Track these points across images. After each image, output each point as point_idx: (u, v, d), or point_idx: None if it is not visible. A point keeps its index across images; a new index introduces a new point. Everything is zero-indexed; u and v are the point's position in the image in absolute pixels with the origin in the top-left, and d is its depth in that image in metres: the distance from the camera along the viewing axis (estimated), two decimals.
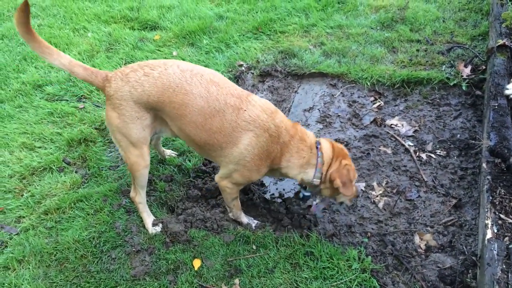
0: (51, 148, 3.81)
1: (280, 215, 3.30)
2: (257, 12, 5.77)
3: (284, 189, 3.55)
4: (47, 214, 3.25)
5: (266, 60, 4.88)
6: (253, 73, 4.74)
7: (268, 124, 2.73)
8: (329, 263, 2.83)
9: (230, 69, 4.75)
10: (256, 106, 2.76)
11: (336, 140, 3.87)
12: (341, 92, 4.45)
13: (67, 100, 4.40)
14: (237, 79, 4.61)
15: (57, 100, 4.40)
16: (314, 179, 2.85)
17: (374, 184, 3.46)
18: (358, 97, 4.37)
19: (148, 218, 3.16)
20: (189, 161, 3.67)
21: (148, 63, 2.78)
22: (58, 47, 5.05)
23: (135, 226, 3.14)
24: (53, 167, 3.63)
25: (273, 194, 3.52)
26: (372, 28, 5.29)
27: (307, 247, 2.94)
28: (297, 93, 4.55)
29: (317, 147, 2.86)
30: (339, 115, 4.18)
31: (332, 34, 5.28)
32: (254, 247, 2.97)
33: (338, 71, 4.62)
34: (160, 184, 3.43)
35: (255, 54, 4.98)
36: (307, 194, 3.08)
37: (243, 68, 4.78)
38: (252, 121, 2.70)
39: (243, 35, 5.34)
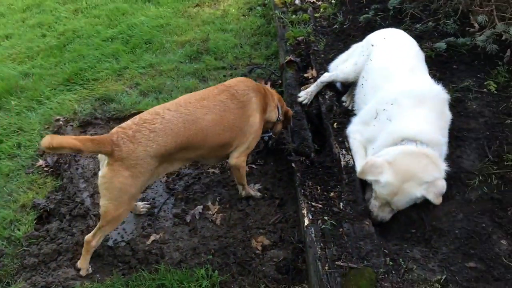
0: None
1: (126, 258, 3.36)
2: (65, 64, 5.71)
3: (125, 231, 3.61)
4: None
5: (84, 110, 4.88)
6: (72, 126, 4.69)
7: (257, 86, 3.53)
8: None
9: (47, 126, 4.63)
10: (237, 82, 3.48)
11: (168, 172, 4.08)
12: None
13: None
14: (56, 134, 4.51)
15: None
16: (279, 116, 3.78)
17: (209, 204, 3.75)
18: None
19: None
20: (18, 230, 3.50)
21: (143, 120, 2.99)
22: None
23: None
24: None
25: (115, 239, 3.56)
26: (181, 62, 5.67)
27: (158, 280, 3.06)
28: None
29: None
30: None
31: (145, 73, 5.51)
32: None
33: None
34: None
35: (71, 106, 4.94)
36: (268, 135, 3.97)
37: (60, 122, 4.69)
38: (246, 90, 3.40)
39: (55, 89, 5.24)
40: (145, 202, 3.79)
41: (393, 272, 2.71)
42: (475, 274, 2.66)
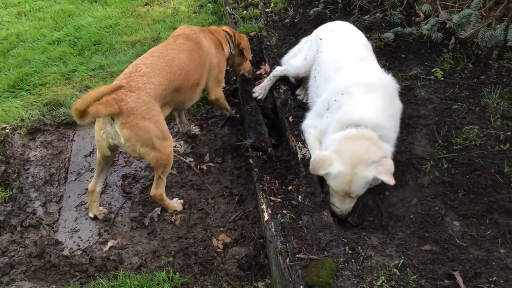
0: None
1: (84, 266, 3.25)
2: (9, 70, 5.48)
3: (81, 239, 3.49)
4: None
5: (32, 116, 4.69)
6: (20, 133, 4.50)
7: (201, 28, 3.87)
8: None
9: None
10: (183, 29, 3.76)
11: (123, 175, 3.98)
12: None
13: None
14: (2, 143, 4.31)
15: None
16: (231, 50, 4.11)
17: None
18: None
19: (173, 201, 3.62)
20: None
21: (129, 73, 3.12)
22: None
23: None
24: None
25: (71, 248, 3.44)
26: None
27: (117, 287, 2.98)
28: (74, 141, 4.50)
29: (224, 31, 4.11)
30: (121, 152, 4.29)
31: (95, 76, 5.35)
32: None
33: None
34: None
35: (18, 113, 4.73)
36: None
37: (7, 130, 4.49)
38: (195, 32, 3.70)
39: (0, 96, 5.00)
40: (101, 208, 3.69)
41: (353, 260, 2.74)
42: (431, 256, 2.73)
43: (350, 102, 3.28)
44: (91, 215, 3.62)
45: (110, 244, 3.40)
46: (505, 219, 2.87)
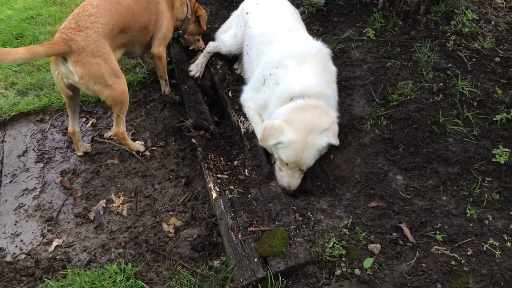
0: None
1: (30, 270, 3.09)
2: None
3: (23, 242, 3.31)
4: None
5: None
6: None
7: None
8: None
9: None
10: None
11: (62, 171, 3.79)
12: (51, 124, 4.32)
13: None
14: None
15: None
16: (188, 14, 4.15)
17: (112, 196, 3.55)
18: None
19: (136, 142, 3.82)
20: None
21: (76, 14, 3.17)
22: None
23: None
24: None
25: (14, 253, 3.24)
26: None
27: (67, 286, 2.85)
28: (5, 142, 4.22)
29: None
30: (57, 147, 4.07)
31: (20, 71, 5.02)
32: None
33: (40, 105, 4.46)
34: None
35: None
36: (178, 32, 4.29)
37: None
38: None
39: None
40: (85, 144, 3.92)
41: (304, 226, 2.76)
42: (378, 212, 2.79)
43: (286, 75, 3.25)
44: (79, 153, 3.85)
45: (55, 243, 3.23)
46: (444, 167, 2.96)
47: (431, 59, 3.57)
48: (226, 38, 4.18)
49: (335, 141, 3.08)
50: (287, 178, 3.12)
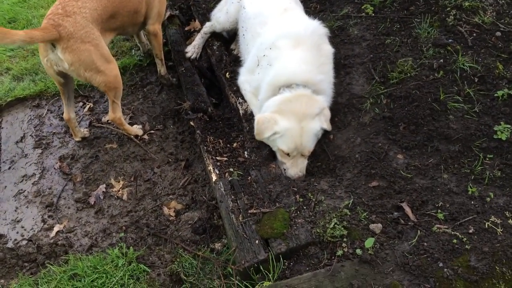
0: None
1: (32, 256, 3.10)
2: None
3: (25, 228, 3.31)
4: None
5: None
6: None
7: None
8: (95, 274, 2.82)
9: None
10: None
11: (60, 157, 3.77)
12: (48, 110, 4.28)
13: None
14: None
15: None
16: None
17: (112, 181, 3.53)
18: None
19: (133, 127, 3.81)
20: None
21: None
22: None
23: None
24: None
25: (15, 239, 3.25)
26: None
27: (69, 271, 2.86)
28: (2, 128, 4.19)
29: None
30: (54, 133, 4.04)
31: (15, 56, 4.95)
32: None
33: (36, 91, 4.41)
34: None
35: None
36: None
37: None
38: None
39: None
40: (82, 129, 3.89)
41: (304, 207, 2.74)
42: (379, 191, 2.78)
43: (278, 59, 3.19)
44: (77, 139, 3.84)
45: (56, 229, 3.24)
46: (445, 145, 2.94)
47: (431, 35, 3.51)
48: (219, 15, 4.11)
49: (327, 126, 3.08)
50: (292, 168, 3.09)
